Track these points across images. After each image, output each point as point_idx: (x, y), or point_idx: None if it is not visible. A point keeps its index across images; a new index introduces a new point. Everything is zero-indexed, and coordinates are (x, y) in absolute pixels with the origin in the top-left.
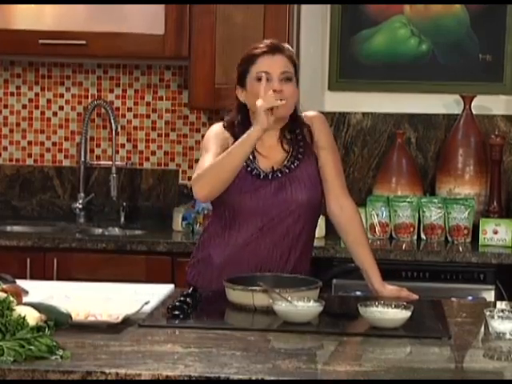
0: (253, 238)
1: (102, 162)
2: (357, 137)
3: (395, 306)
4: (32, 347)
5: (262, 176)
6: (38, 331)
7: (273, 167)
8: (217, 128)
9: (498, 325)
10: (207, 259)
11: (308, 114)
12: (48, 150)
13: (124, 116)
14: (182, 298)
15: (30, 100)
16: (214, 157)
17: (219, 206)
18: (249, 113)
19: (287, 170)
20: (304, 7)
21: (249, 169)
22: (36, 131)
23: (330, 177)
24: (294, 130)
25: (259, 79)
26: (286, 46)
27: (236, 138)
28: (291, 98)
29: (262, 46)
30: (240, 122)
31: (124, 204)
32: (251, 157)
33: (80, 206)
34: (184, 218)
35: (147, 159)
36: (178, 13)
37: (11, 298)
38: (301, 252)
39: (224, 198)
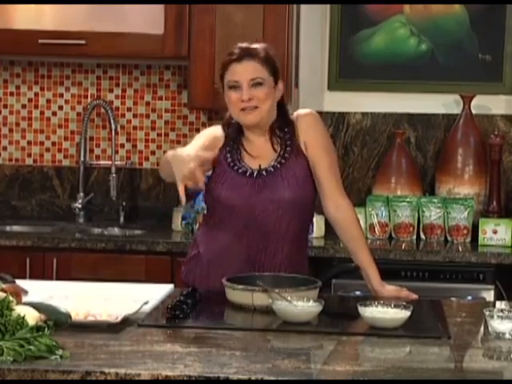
0: (238, 236)
1: (101, 162)
2: (356, 137)
3: (395, 306)
4: (31, 347)
5: (247, 174)
6: (37, 331)
7: (260, 165)
8: (213, 128)
9: (498, 325)
10: (197, 257)
11: (300, 112)
12: (47, 149)
13: (123, 116)
14: (181, 298)
15: (30, 100)
16: (192, 149)
17: (209, 204)
18: None
19: (272, 169)
20: (304, 7)
21: (235, 167)
22: (35, 131)
23: (324, 176)
24: (284, 128)
25: (230, 88)
26: (259, 47)
27: (228, 138)
28: (263, 102)
29: (232, 52)
30: (233, 121)
31: (123, 204)
32: (238, 156)
33: (79, 206)
34: (183, 218)
35: (147, 159)
36: (177, 13)
37: (11, 298)
38: (288, 252)
39: (211, 195)
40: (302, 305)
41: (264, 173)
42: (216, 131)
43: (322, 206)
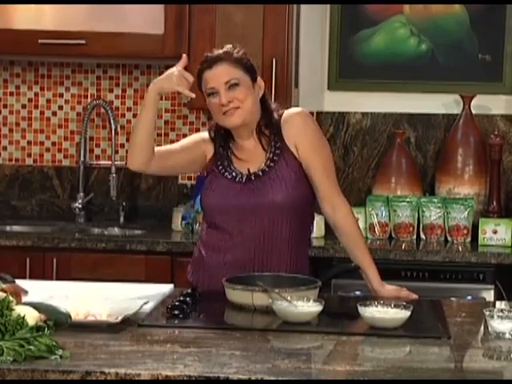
0: (236, 240)
1: (101, 162)
2: (356, 136)
3: (395, 306)
4: (31, 347)
5: (237, 179)
6: (37, 331)
7: (249, 170)
8: (202, 134)
9: (498, 324)
10: (200, 260)
11: (290, 111)
12: (47, 149)
13: (123, 116)
14: (181, 298)
15: (30, 100)
16: (179, 145)
17: (205, 210)
18: None
19: (260, 173)
20: (304, 7)
21: (226, 173)
22: (35, 131)
23: (318, 178)
24: (271, 127)
25: (209, 95)
26: (228, 50)
27: (217, 144)
28: (243, 101)
29: (202, 61)
30: (220, 129)
31: (123, 204)
32: (227, 162)
33: (79, 206)
34: (183, 218)
35: None
36: (177, 13)
37: (11, 298)
38: (288, 254)
39: (203, 201)
40: (302, 305)
41: (252, 177)
42: (203, 135)
43: (321, 208)
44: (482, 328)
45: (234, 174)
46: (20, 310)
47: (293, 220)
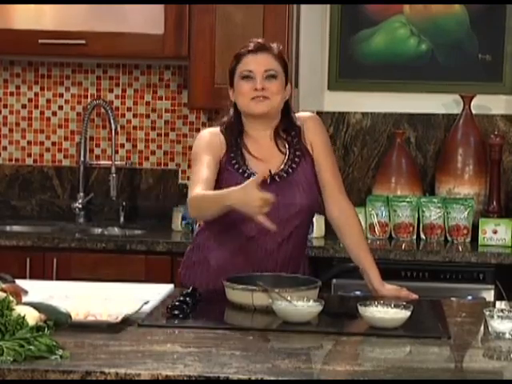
0: (249, 242)
1: (101, 162)
2: (356, 136)
3: (395, 306)
4: (31, 347)
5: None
6: (37, 331)
7: (270, 171)
8: (206, 136)
9: (498, 324)
10: (203, 262)
11: (302, 114)
12: (47, 149)
13: (123, 116)
14: (181, 298)
15: (30, 100)
16: (206, 167)
17: None
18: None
19: (285, 174)
20: (304, 7)
21: (246, 174)
22: (35, 131)
23: (327, 180)
24: (289, 131)
25: (243, 78)
26: (274, 45)
27: (229, 142)
28: (275, 95)
29: (248, 45)
30: (235, 123)
31: (123, 204)
32: (242, 161)
33: (79, 206)
34: (183, 218)
35: (147, 159)
36: (177, 12)
37: (11, 298)
38: (298, 255)
39: None
40: (302, 305)
41: (277, 178)
42: (210, 140)
43: (325, 208)
44: (482, 328)
45: (254, 175)
46: (20, 309)
47: (307, 219)
